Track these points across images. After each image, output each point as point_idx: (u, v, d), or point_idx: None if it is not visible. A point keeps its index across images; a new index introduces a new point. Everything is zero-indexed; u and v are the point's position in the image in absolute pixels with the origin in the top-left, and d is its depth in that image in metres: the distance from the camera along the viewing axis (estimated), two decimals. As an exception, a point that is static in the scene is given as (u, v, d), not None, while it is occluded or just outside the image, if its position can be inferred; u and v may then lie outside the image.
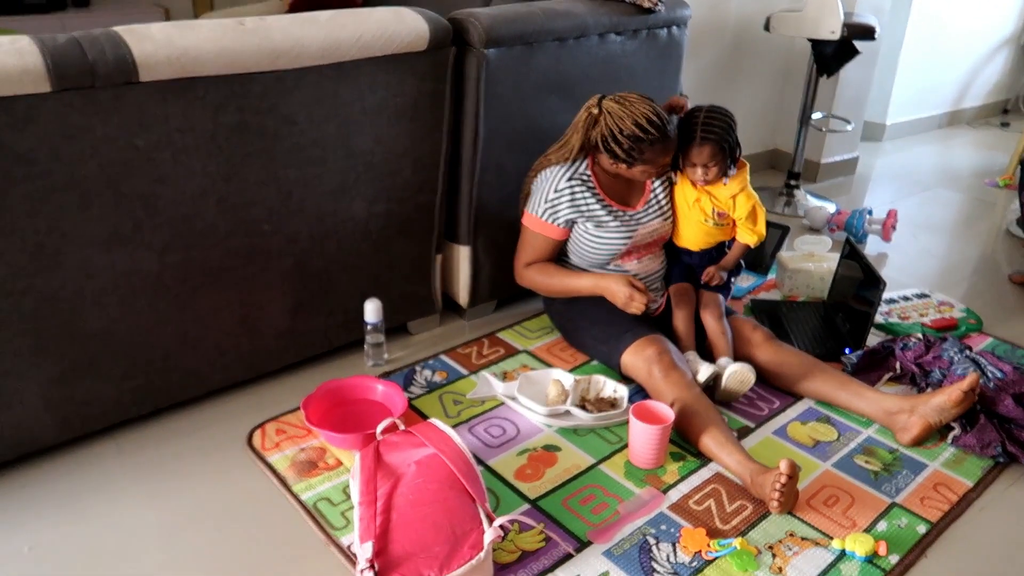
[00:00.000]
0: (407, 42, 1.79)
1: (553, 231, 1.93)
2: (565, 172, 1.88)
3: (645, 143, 1.75)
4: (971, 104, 4.65)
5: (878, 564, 1.46)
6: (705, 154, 1.82)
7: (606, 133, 1.78)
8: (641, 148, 1.76)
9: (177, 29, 1.53)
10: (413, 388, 1.93)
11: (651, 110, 1.75)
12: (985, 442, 1.73)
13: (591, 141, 1.83)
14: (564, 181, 1.88)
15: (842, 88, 3.37)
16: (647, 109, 1.75)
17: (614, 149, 1.78)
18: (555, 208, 1.89)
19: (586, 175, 1.89)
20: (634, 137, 1.75)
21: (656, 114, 1.75)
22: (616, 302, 1.87)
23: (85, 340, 1.60)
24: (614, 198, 1.92)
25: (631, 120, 1.74)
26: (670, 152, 1.81)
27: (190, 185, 1.62)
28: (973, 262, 2.82)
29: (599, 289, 1.90)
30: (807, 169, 3.49)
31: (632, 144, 1.75)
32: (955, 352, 1.96)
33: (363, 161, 1.85)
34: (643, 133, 1.74)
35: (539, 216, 1.92)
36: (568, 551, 1.46)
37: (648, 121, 1.74)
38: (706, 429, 1.68)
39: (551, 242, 1.95)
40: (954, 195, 3.49)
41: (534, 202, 1.93)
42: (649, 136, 1.74)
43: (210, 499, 1.58)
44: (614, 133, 1.76)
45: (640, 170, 1.82)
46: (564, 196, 1.88)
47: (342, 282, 1.95)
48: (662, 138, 1.75)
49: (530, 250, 1.98)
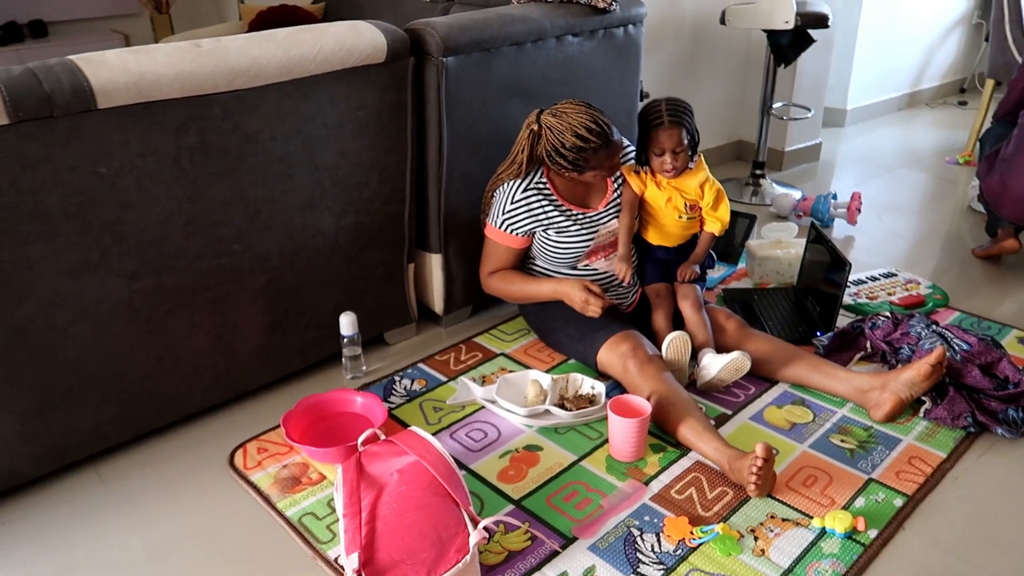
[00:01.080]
0: (365, 55, 1.80)
1: (513, 241, 1.96)
2: (520, 183, 1.92)
3: (589, 151, 1.79)
4: (929, 85, 4.73)
5: (858, 539, 1.49)
6: (675, 138, 1.85)
7: (549, 149, 1.82)
8: (586, 157, 1.80)
9: (133, 55, 1.53)
10: (393, 398, 1.94)
11: (589, 118, 1.78)
12: (956, 413, 1.77)
13: (538, 156, 1.87)
14: (520, 192, 1.91)
15: (801, 77, 3.42)
16: (585, 118, 1.78)
17: (560, 162, 1.83)
18: (513, 219, 1.93)
19: (542, 183, 1.93)
20: (576, 148, 1.78)
21: (594, 121, 1.78)
22: (574, 306, 1.91)
23: (59, 371, 1.59)
24: (574, 201, 1.95)
25: (571, 132, 1.78)
26: (616, 153, 1.84)
27: (156, 209, 1.62)
28: (938, 239, 2.88)
29: (558, 294, 1.94)
30: (771, 158, 3.54)
31: (576, 155, 1.79)
32: (922, 328, 2.00)
33: (329, 175, 1.86)
34: (584, 143, 1.78)
35: (498, 228, 1.96)
36: (554, 548, 1.47)
37: (587, 130, 1.77)
38: (683, 419, 1.71)
39: (512, 251, 1.99)
40: (916, 175, 3.56)
41: (493, 213, 1.97)
42: (591, 144, 1.78)
43: (195, 522, 1.58)
44: (557, 148, 1.80)
45: (592, 175, 1.86)
46: (520, 207, 1.91)
47: (316, 297, 1.95)
48: (604, 144, 1.79)
49: (493, 259, 2.02)
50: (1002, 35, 3.42)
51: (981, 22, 4.69)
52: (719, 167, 3.60)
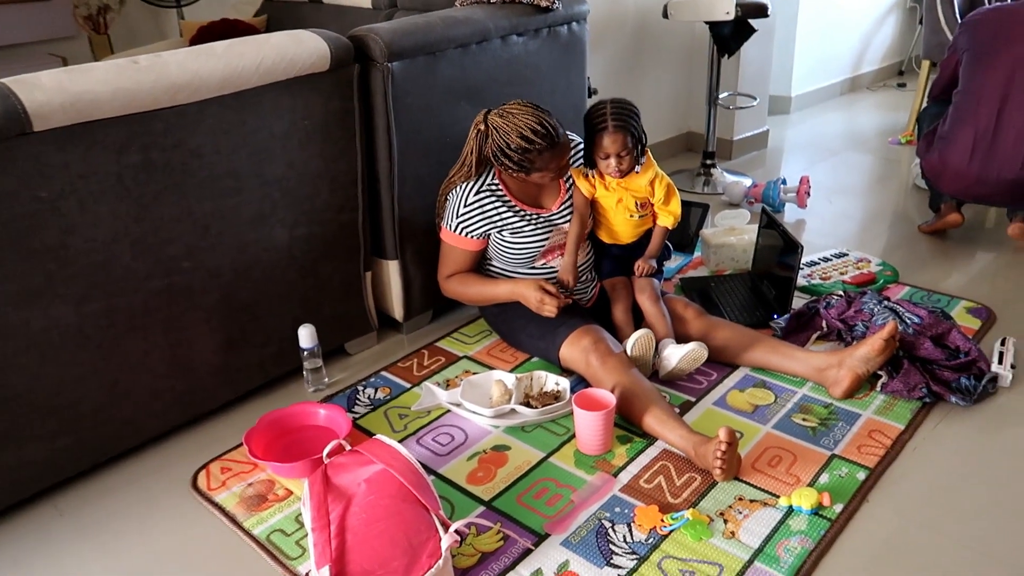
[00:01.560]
0: (309, 64, 1.78)
1: (469, 243, 1.96)
2: (473, 186, 1.92)
3: (533, 152, 1.79)
4: (869, 68, 4.85)
5: (824, 515, 1.51)
6: (619, 142, 1.84)
7: (495, 149, 1.82)
8: (531, 158, 1.80)
9: (68, 75, 1.49)
10: (357, 408, 1.92)
11: (535, 120, 1.78)
12: (911, 385, 1.81)
13: (485, 156, 1.88)
14: (472, 195, 1.91)
15: (744, 66, 3.48)
16: (531, 119, 1.78)
17: (506, 163, 1.83)
18: (467, 222, 1.93)
19: (494, 185, 1.93)
20: (521, 149, 1.78)
21: (540, 123, 1.78)
22: (530, 307, 1.92)
23: (7, 403, 1.54)
24: (527, 202, 1.96)
25: (516, 133, 1.78)
26: (562, 155, 1.84)
27: (101, 231, 1.58)
28: (886, 218, 2.95)
29: (514, 295, 1.95)
30: (721, 147, 3.59)
31: (522, 156, 1.79)
32: (875, 304, 2.04)
33: (279, 187, 1.84)
34: (529, 144, 1.78)
35: (453, 231, 1.96)
36: (527, 546, 1.47)
37: (532, 131, 1.77)
38: (647, 409, 1.72)
39: (469, 254, 1.99)
40: (862, 157, 3.64)
41: (447, 217, 1.97)
42: (536, 146, 1.78)
43: (160, 548, 1.54)
44: (503, 148, 1.81)
45: (539, 176, 1.86)
46: (474, 210, 1.91)
47: (272, 311, 1.93)
48: (549, 145, 1.79)
49: (450, 263, 2.02)
50: (934, 16, 3.52)
51: (915, 5, 4.83)
52: (670, 159, 3.64)
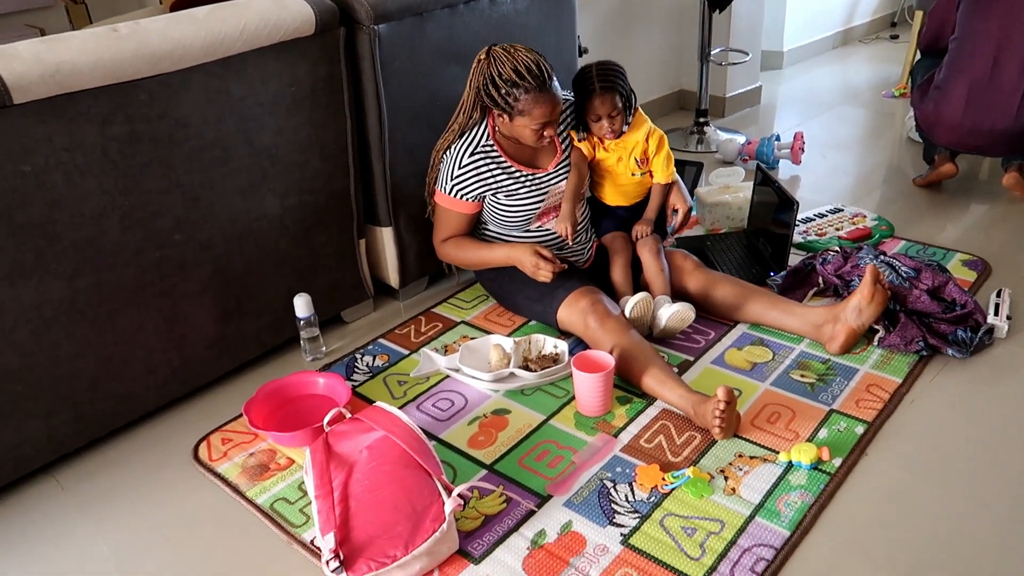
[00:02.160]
0: (293, 28, 1.74)
1: (464, 206, 1.93)
2: (467, 147, 1.88)
3: (520, 90, 1.74)
4: (861, 21, 4.79)
5: (823, 469, 1.52)
6: (608, 103, 1.85)
7: (487, 79, 1.77)
8: (516, 95, 1.74)
9: (46, 44, 1.46)
10: (356, 376, 1.92)
11: (533, 60, 1.74)
12: (908, 339, 1.81)
13: (474, 88, 1.83)
14: (467, 156, 1.88)
15: (736, 21, 3.43)
16: (530, 58, 1.75)
17: (492, 94, 1.77)
18: (462, 184, 1.90)
19: (488, 145, 1.89)
20: (511, 82, 1.74)
21: (536, 64, 1.74)
22: (525, 271, 1.89)
23: (3, 380, 1.53)
24: (522, 161, 1.93)
25: (511, 65, 1.74)
26: (547, 106, 1.76)
27: (88, 205, 1.55)
28: (880, 172, 2.93)
29: (511, 260, 1.92)
30: (714, 105, 3.55)
31: (508, 89, 1.74)
32: (871, 259, 2.04)
33: (268, 156, 1.81)
34: (519, 79, 1.73)
35: (448, 194, 1.92)
36: (530, 508, 1.48)
37: (527, 68, 1.73)
38: (646, 369, 1.72)
39: (464, 216, 1.96)
40: (855, 111, 3.61)
41: (442, 180, 1.93)
42: (524, 83, 1.73)
43: (164, 520, 1.55)
44: (493, 77, 1.76)
45: (521, 124, 1.79)
46: (469, 172, 1.88)
47: (267, 281, 1.91)
48: (538, 87, 1.74)
49: (445, 226, 1.99)
50: (928, -35, 3.47)
51: (907, -45, 4.76)
52: (663, 118, 3.61)
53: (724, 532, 1.40)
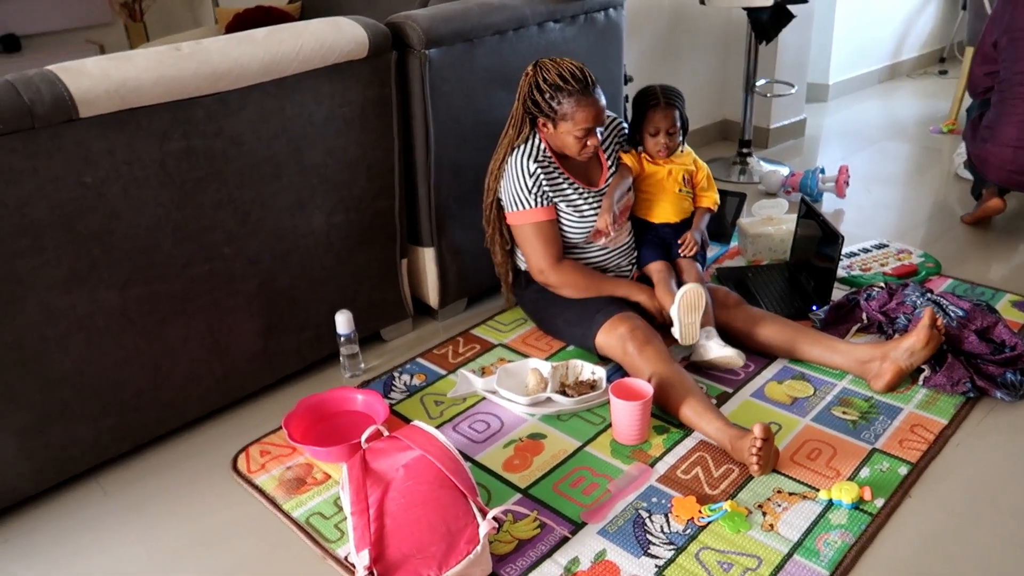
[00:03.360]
0: (347, 51, 1.78)
1: (548, 212, 1.91)
2: (528, 155, 1.89)
3: (563, 93, 1.79)
4: (909, 55, 4.74)
5: (865, 509, 1.49)
6: (670, 118, 1.95)
7: (532, 85, 1.83)
8: (559, 99, 1.79)
9: (112, 62, 1.51)
10: (393, 394, 1.93)
11: (578, 67, 1.81)
12: (955, 380, 1.78)
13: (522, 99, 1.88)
14: (532, 163, 1.88)
15: (782, 53, 3.42)
16: (575, 65, 1.82)
17: (537, 99, 1.83)
18: (537, 190, 1.88)
19: (548, 156, 1.91)
20: (555, 86, 1.79)
21: (580, 70, 1.81)
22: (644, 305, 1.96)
23: (54, 385, 1.57)
24: (577, 177, 1.96)
25: (555, 71, 1.80)
26: (590, 110, 1.79)
27: (144, 217, 1.60)
28: (927, 208, 2.89)
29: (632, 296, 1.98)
30: (757, 136, 3.54)
31: (552, 93, 1.80)
32: (917, 296, 2.00)
33: (317, 174, 1.85)
34: (563, 82, 1.79)
35: (530, 206, 1.90)
36: (564, 534, 1.47)
37: (571, 73, 1.80)
38: (684, 400, 1.71)
39: (555, 224, 1.94)
40: (901, 146, 3.57)
41: (513, 197, 1.91)
42: (568, 86, 1.78)
43: (201, 528, 1.57)
44: (538, 83, 1.82)
45: (564, 130, 1.82)
46: (538, 176, 1.88)
47: (310, 297, 1.94)
48: (581, 90, 1.79)
49: (546, 242, 1.93)
50: (979, 1, 3.43)
51: (958, -10, 4.71)
52: (705, 147, 3.60)
53: (761, 569, 1.38)
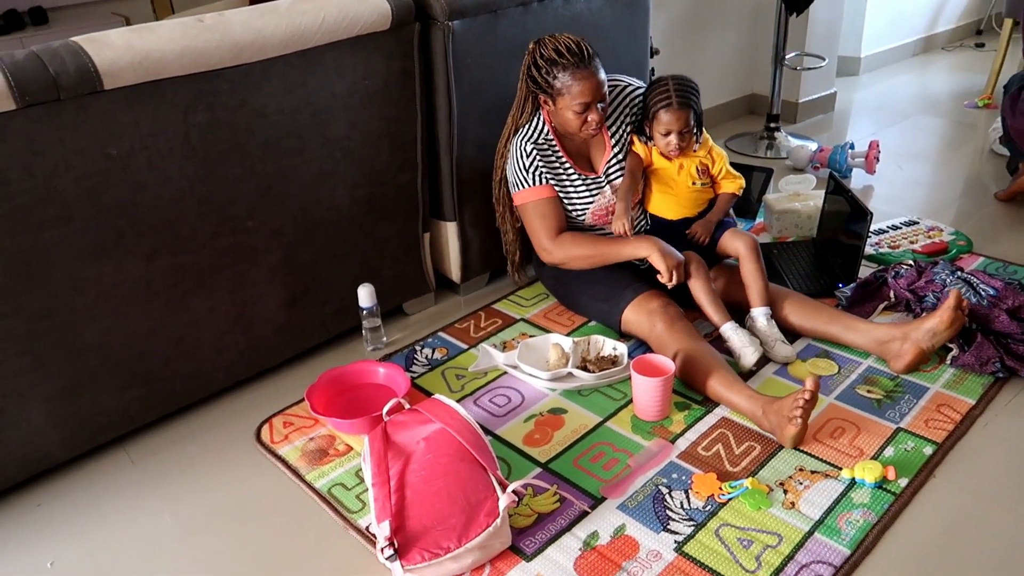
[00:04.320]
0: (370, 22, 1.77)
1: (548, 190, 1.91)
2: (528, 137, 1.91)
3: (559, 67, 1.77)
4: (944, 28, 4.62)
5: (888, 488, 1.48)
6: (682, 120, 1.84)
7: (530, 62, 1.83)
8: (555, 73, 1.78)
9: (136, 33, 1.51)
10: (415, 367, 1.94)
11: (574, 41, 1.79)
12: (983, 359, 1.75)
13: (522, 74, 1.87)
14: (530, 144, 1.90)
15: (813, 25, 3.34)
16: (570, 40, 1.79)
17: (535, 75, 1.82)
18: (535, 169, 1.89)
19: (549, 138, 1.91)
20: (550, 60, 1.78)
21: (576, 44, 1.78)
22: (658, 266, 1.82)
23: (82, 354, 1.60)
24: (578, 160, 1.94)
25: (552, 46, 1.79)
26: (586, 83, 1.75)
27: (168, 189, 1.61)
28: (959, 184, 2.83)
29: (640, 253, 1.85)
30: (785, 110, 3.47)
31: (547, 68, 1.78)
32: (947, 274, 1.97)
33: (340, 147, 1.84)
34: (559, 57, 1.77)
35: (529, 185, 1.90)
36: (583, 509, 1.48)
37: (567, 47, 1.77)
38: (712, 373, 1.69)
39: (555, 201, 1.93)
40: (935, 120, 3.49)
41: (515, 178, 1.93)
42: (563, 60, 1.76)
43: (226, 497, 1.59)
44: (536, 59, 1.81)
45: (563, 105, 1.80)
46: (535, 158, 1.89)
47: (333, 270, 1.95)
48: (576, 63, 1.76)
49: (547, 219, 1.91)
50: (1020, -29, 3.33)
51: (997, -40, 4.57)
52: (732, 122, 3.55)
53: (781, 546, 1.38)
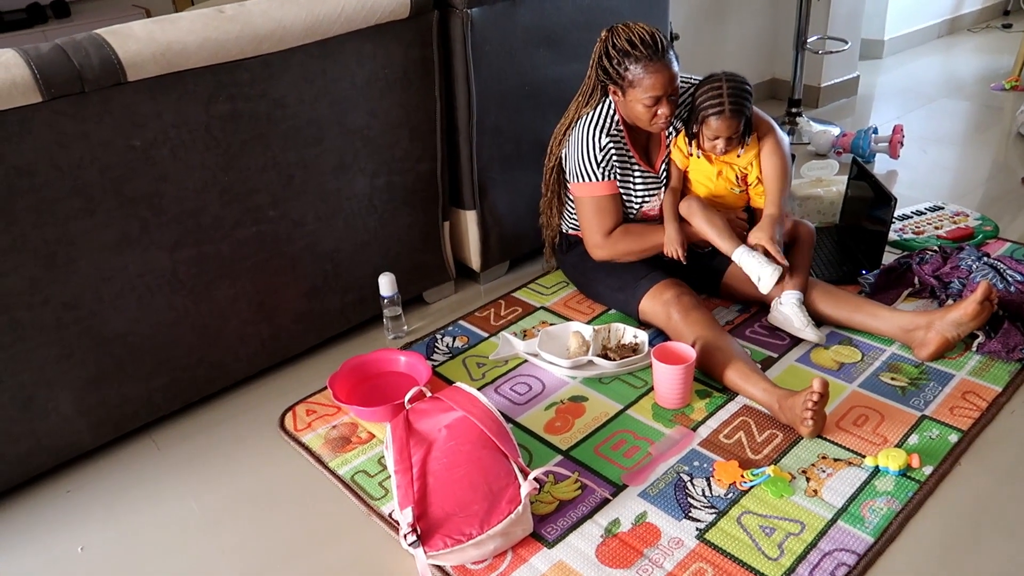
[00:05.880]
0: (389, 11, 1.77)
1: (611, 187, 1.87)
2: (600, 128, 1.84)
3: (631, 59, 1.73)
4: (970, 9, 4.54)
5: (912, 476, 1.47)
6: (732, 128, 1.79)
7: (602, 51, 1.79)
8: (627, 65, 1.74)
9: (158, 25, 1.52)
10: (436, 356, 1.95)
11: (648, 31, 1.74)
12: (1011, 346, 1.72)
13: (593, 64, 1.84)
14: (605, 137, 1.84)
15: (836, 7, 3.29)
16: (644, 30, 1.74)
17: (606, 66, 1.78)
18: (606, 164, 1.85)
19: (620, 129, 1.87)
20: (623, 52, 1.74)
21: (652, 35, 1.73)
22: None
23: (109, 343, 1.62)
24: (641, 156, 1.91)
25: (625, 37, 1.74)
26: (657, 76, 1.72)
27: (191, 179, 1.62)
28: (985, 169, 2.78)
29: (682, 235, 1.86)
30: (807, 95, 3.43)
31: (620, 59, 1.75)
32: (973, 260, 1.94)
33: (360, 136, 1.85)
34: (631, 48, 1.73)
35: (596, 179, 1.85)
36: (605, 496, 1.48)
37: (640, 39, 1.73)
38: (729, 363, 1.69)
39: (617, 199, 1.89)
40: (960, 104, 3.43)
41: (581, 168, 1.86)
42: (636, 52, 1.72)
43: (250, 484, 1.61)
44: (608, 49, 1.77)
45: (633, 98, 1.76)
46: (610, 152, 1.85)
47: (353, 259, 1.96)
48: (650, 56, 1.72)
49: (602, 217, 1.89)
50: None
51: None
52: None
53: (804, 534, 1.37)
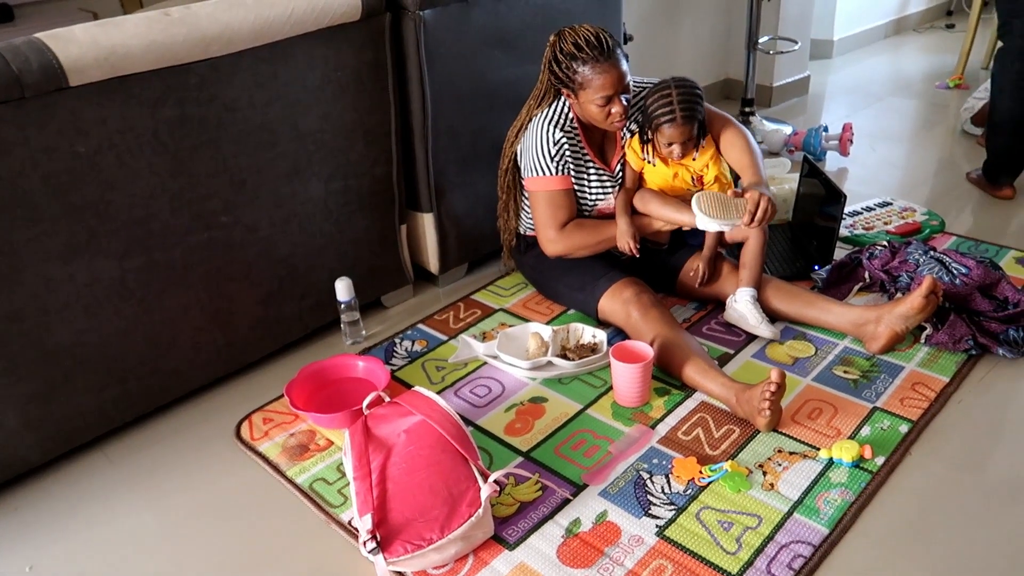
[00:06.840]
0: (340, 13, 1.75)
1: (565, 181, 1.88)
2: (553, 123, 1.86)
3: (579, 61, 1.75)
4: (915, 9, 4.66)
5: (865, 467, 1.50)
6: (686, 132, 1.80)
7: (550, 56, 1.80)
8: (575, 67, 1.76)
9: (101, 28, 1.49)
10: (395, 360, 1.94)
11: (594, 32, 1.76)
12: (957, 337, 1.77)
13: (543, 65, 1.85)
14: (558, 132, 1.85)
15: (785, 8, 3.36)
16: (590, 32, 1.76)
17: (556, 71, 1.80)
18: (559, 158, 1.85)
19: (575, 127, 1.88)
20: (571, 55, 1.76)
21: (596, 36, 1.75)
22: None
23: (56, 355, 1.58)
24: (596, 154, 1.92)
25: (572, 40, 1.76)
26: (607, 76, 1.73)
27: (140, 186, 1.59)
28: (932, 165, 2.86)
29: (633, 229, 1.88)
30: (760, 94, 3.49)
31: (568, 63, 1.76)
32: (920, 254, 1.99)
33: (313, 140, 1.83)
34: (578, 51, 1.75)
35: (550, 173, 1.86)
36: (565, 496, 1.48)
37: (586, 40, 1.74)
38: (688, 360, 1.71)
39: (571, 193, 1.90)
40: (907, 102, 3.52)
41: (535, 163, 1.87)
42: (583, 54, 1.74)
43: (207, 495, 1.58)
44: (556, 53, 1.79)
45: (585, 99, 1.78)
46: (563, 146, 1.86)
47: (310, 264, 1.93)
48: (596, 57, 1.73)
49: (556, 211, 1.89)
50: (988, -48, 3.36)
51: (966, -59, 4.60)
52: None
53: (761, 527, 1.39)
